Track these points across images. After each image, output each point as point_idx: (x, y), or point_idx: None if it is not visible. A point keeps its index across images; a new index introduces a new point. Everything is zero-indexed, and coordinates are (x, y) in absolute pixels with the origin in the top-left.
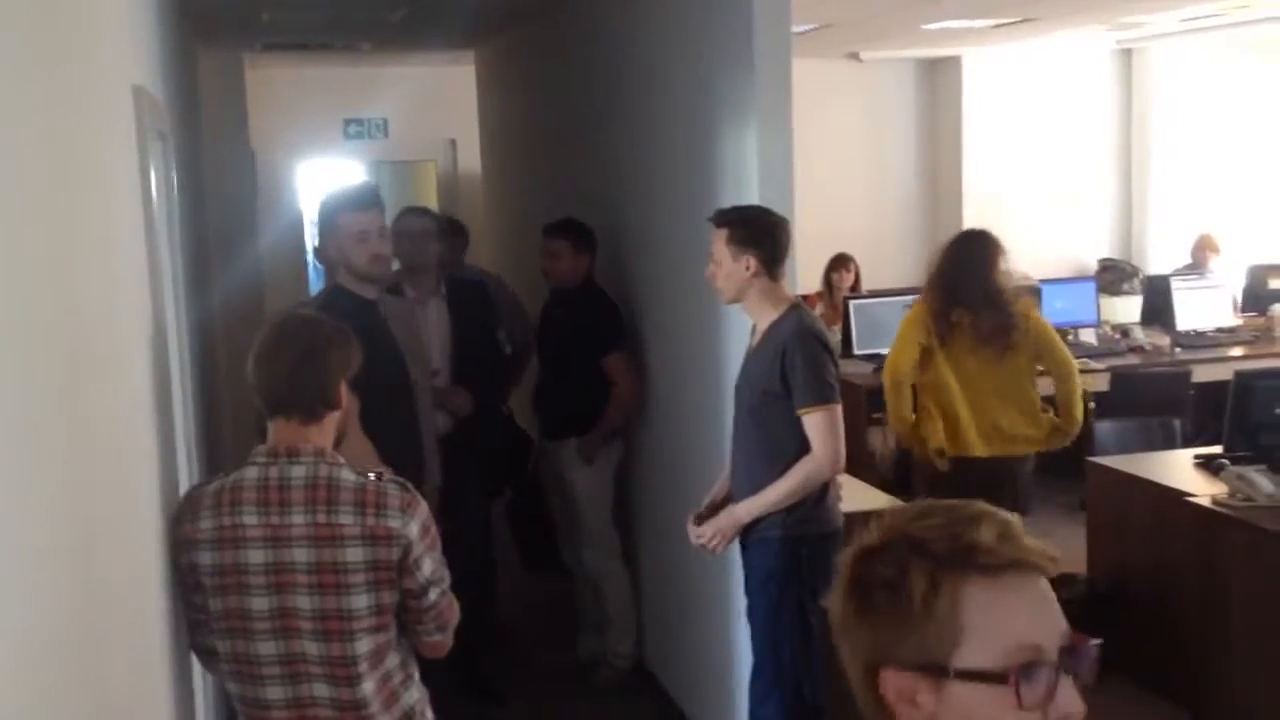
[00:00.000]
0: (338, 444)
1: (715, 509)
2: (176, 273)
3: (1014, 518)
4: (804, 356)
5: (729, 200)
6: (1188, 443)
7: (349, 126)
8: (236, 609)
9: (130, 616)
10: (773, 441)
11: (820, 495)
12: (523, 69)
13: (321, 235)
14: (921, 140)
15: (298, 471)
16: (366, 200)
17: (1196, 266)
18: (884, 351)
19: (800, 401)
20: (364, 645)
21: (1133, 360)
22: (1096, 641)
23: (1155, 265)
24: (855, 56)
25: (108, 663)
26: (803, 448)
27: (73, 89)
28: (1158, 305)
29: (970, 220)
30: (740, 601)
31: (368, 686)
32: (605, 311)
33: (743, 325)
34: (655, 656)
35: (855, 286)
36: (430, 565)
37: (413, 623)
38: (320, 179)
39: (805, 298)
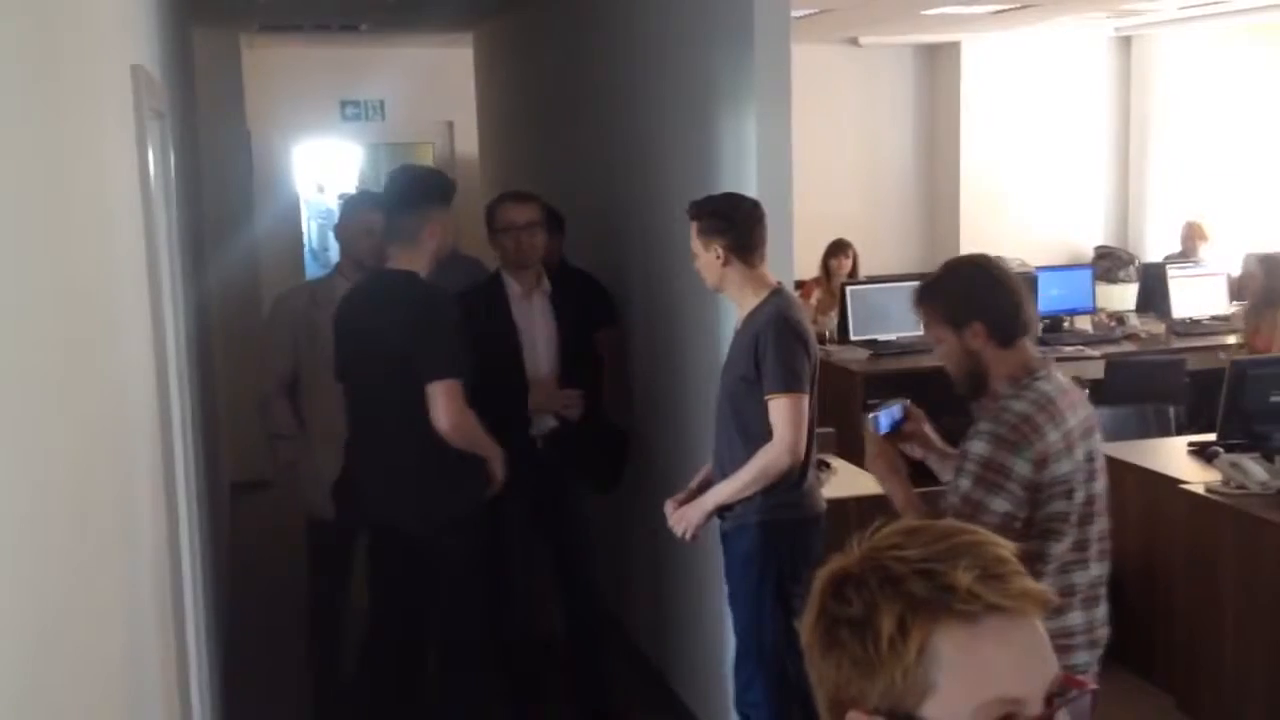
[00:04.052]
0: None
1: (695, 494)
2: (174, 253)
3: (1007, 551)
4: (775, 343)
5: (729, 185)
6: (1182, 430)
7: (346, 108)
8: (1086, 498)
9: (125, 617)
10: (746, 427)
11: (798, 481)
12: (521, 51)
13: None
14: (920, 126)
15: (1058, 378)
16: (381, 202)
17: (1186, 254)
18: (881, 338)
19: (767, 387)
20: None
21: (1128, 348)
22: (1093, 687)
23: (1151, 253)
24: (854, 41)
25: (99, 659)
26: (771, 435)
27: (70, 66)
28: (1153, 293)
29: (967, 206)
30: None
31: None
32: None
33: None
34: (648, 639)
35: (853, 273)
36: None
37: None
38: (317, 160)
39: (803, 284)
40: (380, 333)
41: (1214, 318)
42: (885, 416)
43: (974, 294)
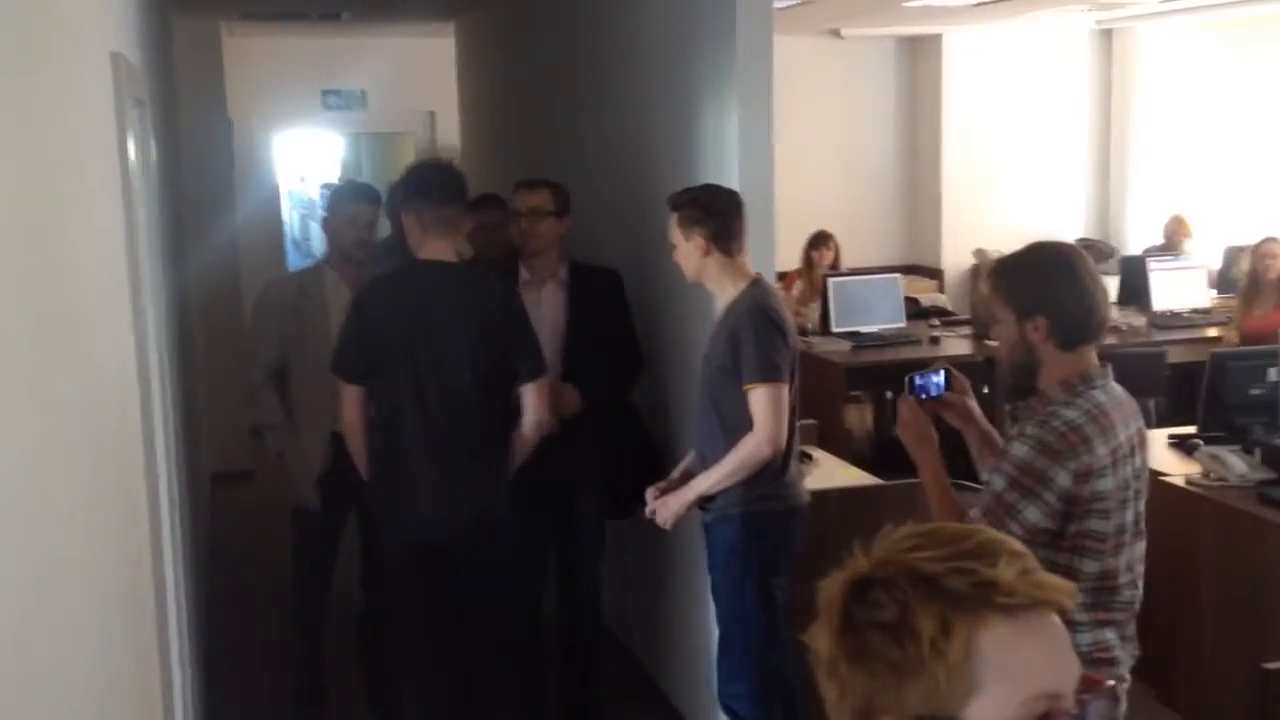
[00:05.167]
0: None
1: (677, 483)
2: (154, 243)
3: (1027, 550)
4: (753, 333)
5: (710, 177)
6: (1163, 423)
7: (327, 97)
8: (1119, 524)
9: (98, 611)
10: (725, 418)
11: (780, 471)
12: (503, 41)
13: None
14: (901, 118)
15: (1114, 387)
16: (367, 194)
17: (1170, 248)
18: (863, 329)
19: (745, 378)
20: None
21: (1109, 340)
22: (1111, 683)
23: (1132, 245)
24: (836, 33)
25: (75, 654)
26: (750, 425)
27: (49, 53)
28: (1134, 286)
29: (949, 198)
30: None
31: None
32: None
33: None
34: (632, 631)
35: (835, 264)
36: None
37: None
38: (298, 150)
39: (785, 275)
40: (458, 327)
41: (1194, 310)
42: (920, 381)
43: (1047, 285)
